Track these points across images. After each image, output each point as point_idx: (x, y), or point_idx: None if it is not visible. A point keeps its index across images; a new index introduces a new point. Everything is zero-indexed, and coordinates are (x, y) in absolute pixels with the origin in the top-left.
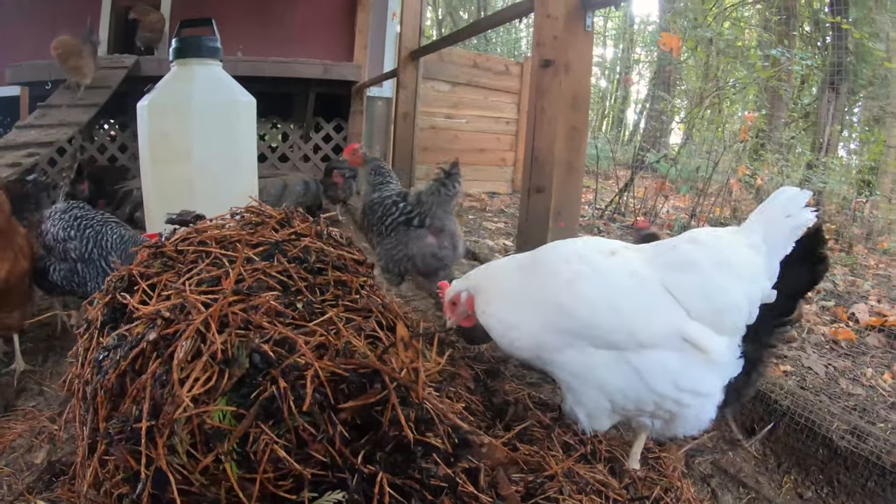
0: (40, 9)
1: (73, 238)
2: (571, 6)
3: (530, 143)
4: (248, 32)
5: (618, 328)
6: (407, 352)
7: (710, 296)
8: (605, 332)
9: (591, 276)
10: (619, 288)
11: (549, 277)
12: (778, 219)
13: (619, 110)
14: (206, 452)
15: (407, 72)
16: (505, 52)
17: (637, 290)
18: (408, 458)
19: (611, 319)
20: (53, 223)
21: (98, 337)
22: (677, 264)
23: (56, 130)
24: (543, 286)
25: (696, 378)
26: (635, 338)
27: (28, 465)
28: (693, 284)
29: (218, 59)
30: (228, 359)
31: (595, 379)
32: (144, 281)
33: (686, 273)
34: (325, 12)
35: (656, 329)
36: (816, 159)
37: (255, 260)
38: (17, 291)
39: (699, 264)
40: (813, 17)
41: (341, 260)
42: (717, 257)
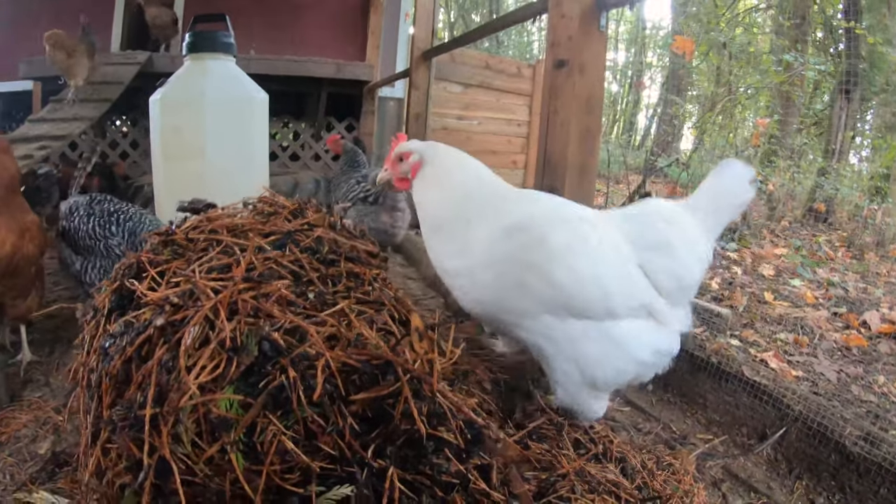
0: (54, 4)
1: (116, 234)
2: (586, 6)
3: (543, 145)
4: (260, 31)
5: (600, 304)
6: (421, 343)
7: (680, 277)
8: (587, 306)
9: (584, 250)
10: (607, 264)
11: (537, 244)
12: (725, 201)
13: (631, 114)
14: (212, 442)
15: (419, 72)
16: (517, 55)
17: (621, 269)
18: (419, 453)
19: (597, 295)
20: (82, 220)
21: (105, 324)
22: (654, 245)
23: (68, 125)
24: (523, 247)
25: (669, 341)
26: (613, 313)
27: (32, 455)
28: (667, 266)
29: (232, 54)
30: (237, 346)
31: (574, 351)
32: (153, 268)
33: (662, 255)
34: (338, 12)
35: (632, 305)
36: (828, 166)
37: (267, 249)
38: (23, 275)
39: (674, 247)
40: (826, 23)
41: (354, 251)
42: (686, 239)
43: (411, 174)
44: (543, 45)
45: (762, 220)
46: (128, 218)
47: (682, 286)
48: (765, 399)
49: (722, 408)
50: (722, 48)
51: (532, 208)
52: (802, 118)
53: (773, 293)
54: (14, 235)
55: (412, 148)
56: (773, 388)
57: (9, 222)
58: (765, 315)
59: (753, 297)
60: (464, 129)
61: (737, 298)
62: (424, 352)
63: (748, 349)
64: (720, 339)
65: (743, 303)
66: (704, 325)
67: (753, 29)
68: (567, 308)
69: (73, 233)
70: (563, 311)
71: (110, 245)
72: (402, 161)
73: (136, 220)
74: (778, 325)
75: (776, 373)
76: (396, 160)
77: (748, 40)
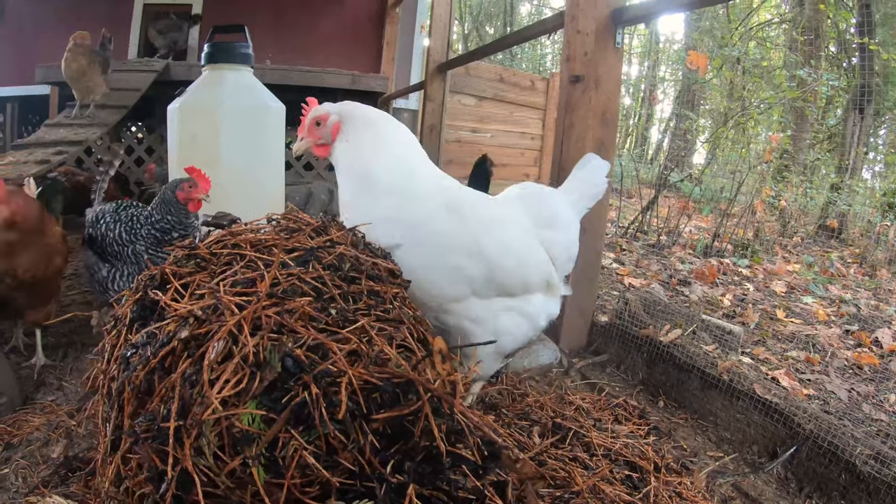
0: (72, 11)
1: (142, 238)
2: (602, 22)
3: (557, 158)
4: (276, 41)
5: (520, 279)
6: (444, 364)
7: (569, 248)
8: (511, 281)
9: (508, 225)
10: (522, 241)
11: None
12: (589, 189)
13: (644, 128)
14: (234, 455)
15: (434, 85)
16: (530, 68)
17: (532, 245)
18: (436, 469)
19: (519, 270)
20: (109, 226)
21: (126, 334)
22: (548, 222)
23: (85, 130)
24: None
25: (557, 308)
26: (528, 287)
27: (44, 459)
28: (560, 240)
29: (249, 65)
30: (260, 362)
31: (496, 325)
32: (177, 280)
33: (555, 230)
34: (354, 24)
35: (541, 278)
36: (841, 182)
37: (291, 265)
38: (48, 288)
39: (564, 223)
40: (839, 38)
41: (375, 269)
42: (568, 216)
43: (332, 137)
44: (557, 57)
45: (774, 236)
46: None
47: (570, 257)
48: (776, 417)
49: (733, 425)
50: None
51: (455, 187)
52: (815, 133)
53: (784, 310)
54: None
55: (329, 109)
56: (784, 406)
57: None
58: (776, 332)
59: (765, 313)
60: (477, 142)
61: (748, 315)
62: (447, 373)
63: (759, 367)
64: (732, 356)
65: (755, 320)
66: (716, 343)
67: (767, 44)
68: (493, 283)
69: (100, 240)
70: (490, 290)
71: (138, 250)
72: (320, 125)
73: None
74: (789, 342)
75: (787, 391)
76: (313, 125)
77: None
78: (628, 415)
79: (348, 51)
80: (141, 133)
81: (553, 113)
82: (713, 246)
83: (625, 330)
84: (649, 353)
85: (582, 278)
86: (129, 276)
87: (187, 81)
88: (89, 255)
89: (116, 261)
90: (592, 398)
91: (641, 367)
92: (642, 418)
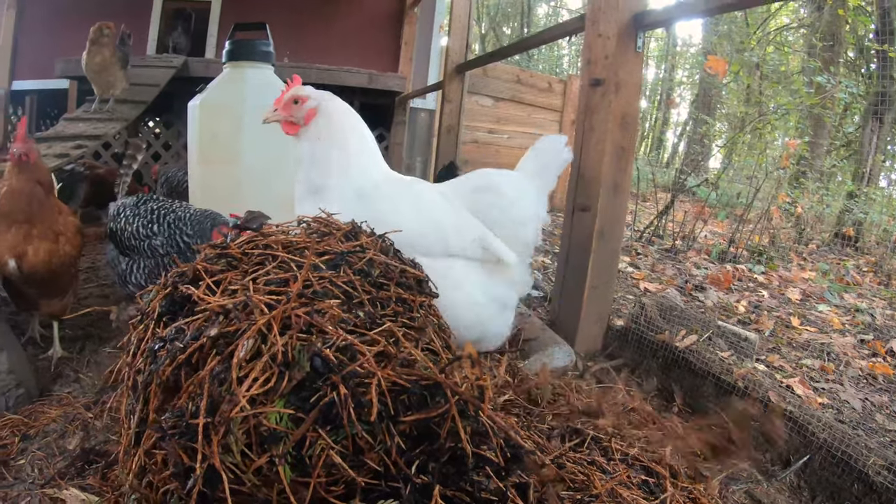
0: (91, 5)
1: (159, 234)
2: (623, 26)
3: (577, 161)
4: (294, 39)
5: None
6: (473, 369)
7: (505, 209)
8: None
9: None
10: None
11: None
12: (550, 159)
13: (660, 132)
14: (261, 453)
15: (452, 85)
16: (547, 69)
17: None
18: (460, 470)
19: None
20: (129, 220)
21: (154, 328)
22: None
23: (104, 125)
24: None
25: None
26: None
27: (60, 451)
28: (493, 202)
29: (270, 63)
30: (289, 361)
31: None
32: (209, 277)
33: (487, 193)
34: (372, 23)
35: (465, 239)
36: (858, 189)
37: (322, 268)
38: (62, 277)
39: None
40: (858, 44)
41: (404, 276)
42: (512, 182)
43: (304, 121)
44: (573, 59)
45: (790, 243)
46: (170, 212)
47: (511, 218)
48: (790, 425)
49: None
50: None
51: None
52: (832, 140)
53: (799, 318)
54: (48, 242)
55: (310, 94)
56: (798, 414)
57: (44, 230)
58: (791, 340)
59: (780, 321)
60: (494, 143)
61: (763, 322)
62: (476, 377)
63: (774, 374)
64: (747, 363)
65: (769, 327)
66: (732, 350)
67: (785, 48)
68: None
69: (119, 234)
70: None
71: (154, 245)
72: (298, 104)
73: (182, 213)
74: (804, 350)
75: (802, 399)
76: (290, 102)
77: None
78: (643, 419)
79: (366, 50)
80: (158, 128)
81: (570, 115)
82: (729, 251)
83: (640, 335)
84: (664, 359)
85: (598, 282)
86: (145, 269)
87: (205, 77)
88: (110, 248)
89: (134, 254)
90: (607, 399)
91: (656, 371)
92: (657, 423)
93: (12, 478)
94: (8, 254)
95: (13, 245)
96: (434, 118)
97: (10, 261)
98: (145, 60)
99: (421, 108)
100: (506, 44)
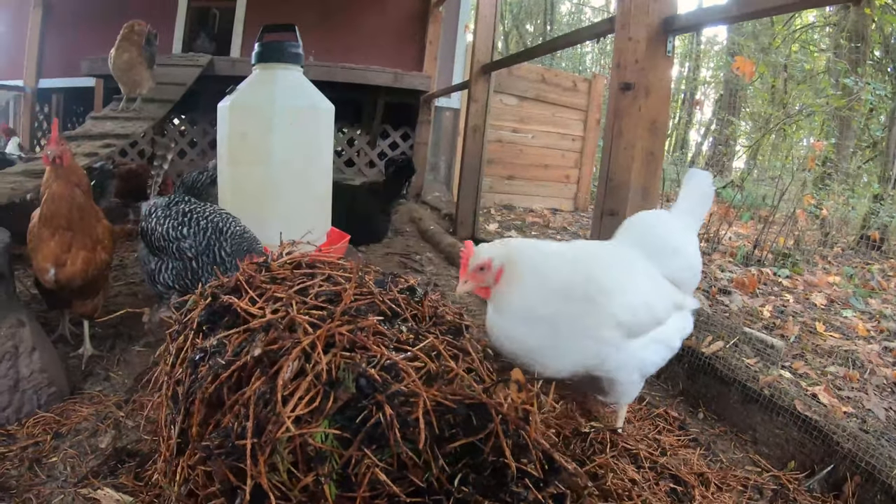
0: (117, 4)
1: (188, 236)
2: (653, 30)
3: (605, 166)
4: (319, 38)
5: (651, 321)
6: (520, 393)
7: (692, 266)
8: (644, 327)
9: (635, 287)
10: (649, 288)
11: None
12: (699, 202)
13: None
14: (307, 472)
15: (478, 85)
16: (570, 68)
17: (655, 286)
18: (500, 482)
19: (649, 317)
20: (159, 221)
21: (193, 338)
22: (664, 251)
23: (132, 123)
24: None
25: (689, 323)
26: (660, 321)
27: (92, 449)
28: (681, 264)
29: (299, 64)
30: (333, 381)
31: (637, 362)
32: (253, 290)
33: (673, 256)
34: (396, 22)
35: (669, 308)
36: (884, 191)
37: (368, 284)
38: (97, 282)
39: (678, 246)
40: (884, 43)
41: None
42: (683, 237)
43: (494, 281)
44: (597, 57)
45: (814, 246)
46: (203, 217)
47: (694, 274)
48: (814, 434)
49: (772, 440)
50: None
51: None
52: (858, 141)
53: (824, 324)
54: (86, 251)
55: (491, 255)
56: (823, 424)
57: (83, 239)
58: (816, 346)
59: (805, 326)
60: (518, 142)
61: (788, 328)
62: (521, 401)
63: (799, 382)
64: (773, 371)
65: (794, 332)
66: (758, 356)
67: (810, 47)
68: (632, 335)
69: (149, 234)
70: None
71: (182, 248)
72: (484, 270)
73: (214, 220)
74: (829, 357)
75: (827, 408)
76: (477, 270)
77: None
78: (669, 426)
79: (391, 49)
80: (184, 126)
81: (595, 114)
82: (753, 254)
83: None
84: (690, 364)
85: None
86: (173, 270)
87: (231, 76)
88: (142, 247)
89: (163, 255)
90: (633, 407)
91: (682, 377)
92: (682, 429)
93: (45, 475)
94: (49, 263)
95: (55, 254)
96: (458, 117)
97: (51, 269)
98: (171, 59)
99: (445, 107)
100: (529, 41)
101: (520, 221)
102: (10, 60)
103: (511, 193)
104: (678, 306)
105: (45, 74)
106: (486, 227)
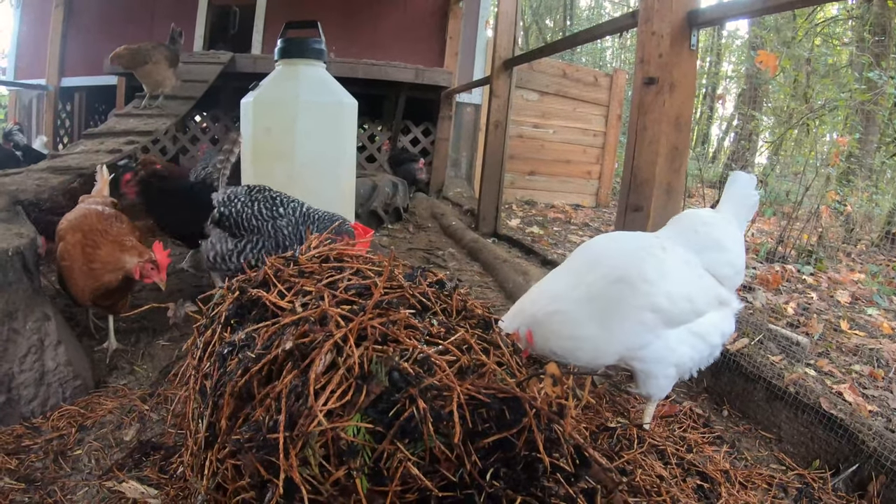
0: (139, 3)
1: (284, 215)
2: (677, 24)
3: (630, 161)
4: (340, 34)
5: (691, 311)
6: (555, 387)
7: (734, 264)
8: (683, 317)
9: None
10: (689, 278)
11: (633, 287)
12: (743, 202)
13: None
14: (339, 465)
15: (500, 81)
16: (590, 62)
17: (696, 277)
18: (531, 476)
19: (689, 307)
20: (246, 204)
21: (221, 332)
22: (709, 246)
23: (155, 120)
24: (631, 293)
25: (731, 323)
26: (700, 312)
27: (117, 442)
28: (724, 259)
29: (323, 60)
30: (365, 374)
31: (674, 356)
32: (282, 284)
33: (717, 251)
34: (417, 18)
35: (710, 300)
36: None
37: (399, 278)
38: (127, 286)
39: (723, 242)
40: None
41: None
42: (727, 233)
43: (530, 343)
44: (617, 51)
45: (838, 243)
46: (291, 201)
47: (736, 271)
48: (840, 433)
49: (796, 438)
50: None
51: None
52: (882, 136)
53: (848, 321)
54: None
55: (513, 327)
56: (849, 422)
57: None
58: (840, 344)
59: (829, 324)
60: (539, 138)
61: (812, 326)
62: (556, 395)
63: (824, 380)
64: (798, 368)
65: (819, 330)
66: (783, 353)
67: (833, 41)
68: (669, 324)
69: (235, 216)
70: (664, 328)
71: (279, 225)
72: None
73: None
74: (853, 355)
75: (852, 406)
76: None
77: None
78: (694, 423)
79: (412, 45)
80: (206, 122)
81: (616, 109)
82: (777, 251)
83: None
84: (714, 361)
85: None
86: (262, 247)
87: (253, 73)
88: (215, 232)
89: (251, 234)
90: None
91: (706, 374)
92: (707, 427)
93: (69, 468)
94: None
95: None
96: (479, 113)
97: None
98: (193, 57)
99: (466, 102)
100: (548, 36)
101: (541, 217)
102: (32, 59)
103: (532, 189)
104: (721, 301)
105: (67, 73)
106: (507, 223)
